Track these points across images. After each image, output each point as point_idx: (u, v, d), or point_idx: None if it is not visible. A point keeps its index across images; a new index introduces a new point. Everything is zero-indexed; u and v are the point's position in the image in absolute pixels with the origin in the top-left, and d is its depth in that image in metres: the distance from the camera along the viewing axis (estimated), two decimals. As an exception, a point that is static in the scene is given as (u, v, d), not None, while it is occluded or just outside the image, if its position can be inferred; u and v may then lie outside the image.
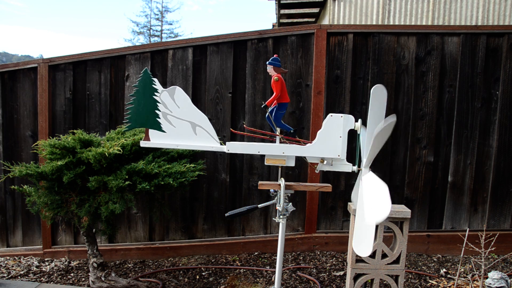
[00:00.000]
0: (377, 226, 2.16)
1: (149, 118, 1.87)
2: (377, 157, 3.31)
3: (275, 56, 1.98)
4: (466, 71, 3.27)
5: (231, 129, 3.23)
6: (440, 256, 3.33)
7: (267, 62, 1.92)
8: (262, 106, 1.97)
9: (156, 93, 1.87)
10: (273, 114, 1.94)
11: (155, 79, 1.87)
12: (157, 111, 1.87)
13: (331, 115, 1.87)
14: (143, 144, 1.91)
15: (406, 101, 3.30)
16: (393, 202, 3.27)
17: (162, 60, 3.34)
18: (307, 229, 3.41)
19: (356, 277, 2.18)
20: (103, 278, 2.61)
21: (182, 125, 1.91)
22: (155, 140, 1.91)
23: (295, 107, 3.32)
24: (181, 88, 3.43)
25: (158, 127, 1.88)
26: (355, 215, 2.12)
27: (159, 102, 1.87)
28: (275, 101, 1.94)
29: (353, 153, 3.10)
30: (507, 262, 3.20)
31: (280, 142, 1.94)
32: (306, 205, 3.36)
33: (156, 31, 31.03)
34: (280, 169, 2.10)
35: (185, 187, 2.65)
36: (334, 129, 1.88)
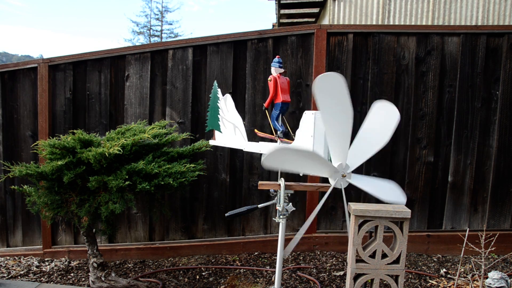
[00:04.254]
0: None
1: (215, 121, 2.22)
2: (377, 157, 3.32)
3: (276, 57, 2.00)
4: (466, 71, 3.27)
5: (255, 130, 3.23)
6: (440, 256, 3.33)
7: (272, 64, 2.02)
8: (263, 109, 2.11)
9: (218, 101, 2.20)
10: (271, 113, 1.97)
11: (219, 89, 2.21)
12: (218, 115, 2.21)
13: (305, 113, 1.76)
14: (211, 142, 2.35)
15: (406, 101, 3.30)
16: (393, 202, 3.20)
17: (162, 60, 3.34)
18: (307, 229, 3.41)
19: (356, 277, 2.18)
20: (103, 278, 2.61)
21: (229, 127, 2.18)
22: (218, 140, 2.30)
23: (295, 107, 3.32)
24: (182, 88, 3.45)
25: (219, 128, 2.22)
26: (355, 215, 2.12)
27: (220, 108, 2.20)
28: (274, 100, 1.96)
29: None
30: (507, 262, 3.20)
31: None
32: (306, 205, 3.36)
33: (156, 31, 31.01)
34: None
35: (185, 187, 2.65)
36: (306, 127, 1.77)
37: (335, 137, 1.50)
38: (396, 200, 1.64)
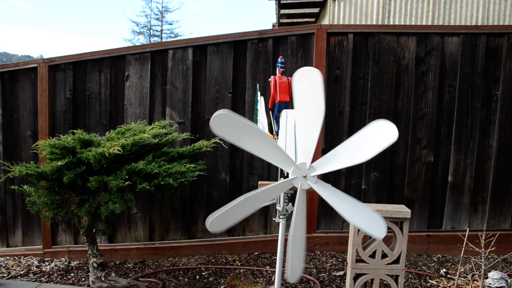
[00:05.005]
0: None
1: (256, 123, 2.23)
2: (377, 156, 3.31)
3: (279, 57, 2.02)
4: (466, 71, 3.27)
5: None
6: (440, 256, 3.33)
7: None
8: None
9: (258, 104, 2.23)
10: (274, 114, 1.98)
11: (259, 92, 2.24)
12: (257, 117, 2.23)
13: (282, 112, 1.80)
14: None
15: (406, 101, 3.30)
16: (393, 202, 3.26)
17: (162, 60, 3.34)
18: (307, 229, 3.39)
19: (356, 277, 2.18)
20: (103, 278, 2.61)
21: (260, 127, 2.15)
22: None
23: (295, 107, 3.32)
24: (182, 88, 3.45)
25: None
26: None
27: (258, 110, 2.22)
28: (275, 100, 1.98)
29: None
30: (507, 262, 3.20)
31: None
32: (306, 205, 3.36)
33: (156, 31, 30.99)
34: (280, 169, 2.10)
35: (185, 187, 2.65)
36: (282, 126, 1.77)
37: (304, 135, 1.43)
38: (370, 231, 1.38)
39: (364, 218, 1.41)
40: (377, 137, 1.37)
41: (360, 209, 1.44)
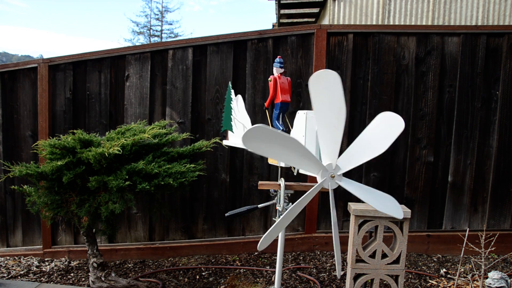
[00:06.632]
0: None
1: (229, 122, 2.25)
2: (377, 157, 3.31)
3: (277, 57, 2.01)
4: (466, 71, 3.27)
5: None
6: (440, 256, 3.33)
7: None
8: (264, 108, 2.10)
9: (231, 102, 2.23)
10: (272, 114, 1.97)
11: (232, 90, 2.24)
12: (231, 116, 2.23)
13: (298, 112, 1.83)
14: (225, 142, 2.39)
15: (406, 101, 3.30)
16: (393, 202, 3.20)
17: (162, 60, 3.34)
18: (307, 229, 3.41)
19: (356, 277, 2.18)
20: (103, 278, 2.61)
21: (239, 127, 2.19)
22: (230, 139, 2.34)
23: (295, 107, 3.32)
24: (182, 88, 3.45)
25: (231, 128, 2.24)
26: (355, 215, 2.13)
27: (232, 109, 2.23)
28: (274, 100, 1.97)
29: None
30: (507, 262, 3.20)
31: None
32: (306, 205, 3.36)
33: (156, 31, 30.98)
34: (280, 169, 2.10)
35: (185, 187, 2.65)
36: (299, 127, 1.80)
37: (326, 136, 1.48)
38: (393, 213, 1.61)
39: (384, 203, 1.65)
40: (386, 130, 1.48)
41: (381, 197, 1.66)
